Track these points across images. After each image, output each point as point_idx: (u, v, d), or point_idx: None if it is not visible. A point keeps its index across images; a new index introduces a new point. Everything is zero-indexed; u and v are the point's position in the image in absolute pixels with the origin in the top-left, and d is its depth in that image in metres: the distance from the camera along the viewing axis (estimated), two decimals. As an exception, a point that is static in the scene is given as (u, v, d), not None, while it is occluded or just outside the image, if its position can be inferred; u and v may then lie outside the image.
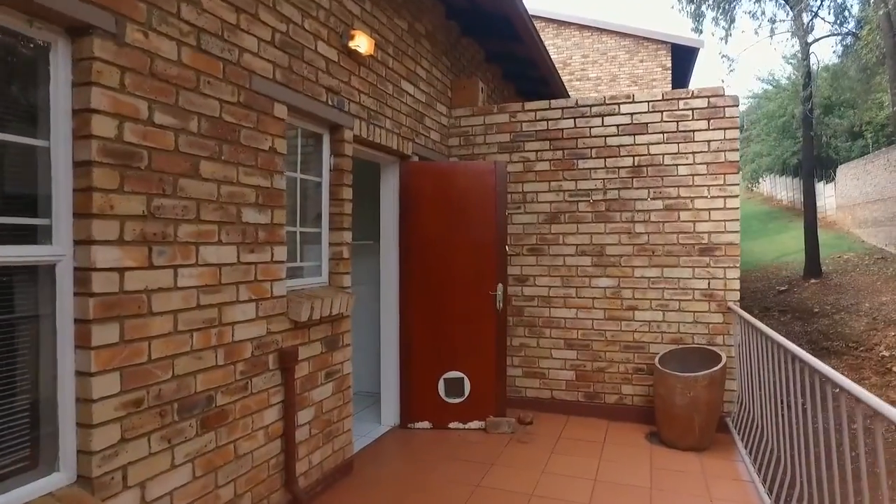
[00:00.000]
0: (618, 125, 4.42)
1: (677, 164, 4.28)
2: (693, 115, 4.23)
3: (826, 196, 19.46)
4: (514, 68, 6.39)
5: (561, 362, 4.59)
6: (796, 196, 21.93)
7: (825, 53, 45.82)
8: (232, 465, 2.45)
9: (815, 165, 15.40)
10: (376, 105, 3.70)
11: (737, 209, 4.15)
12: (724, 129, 4.16)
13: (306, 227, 3.27)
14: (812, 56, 14.27)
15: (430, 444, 3.95)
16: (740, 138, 4.13)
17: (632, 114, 4.38)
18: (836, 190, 19.09)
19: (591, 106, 4.49)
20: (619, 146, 4.41)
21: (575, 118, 4.53)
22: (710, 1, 14.97)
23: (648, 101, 4.34)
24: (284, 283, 2.80)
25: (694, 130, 4.23)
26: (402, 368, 4.26)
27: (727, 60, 18.86)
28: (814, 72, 14.49)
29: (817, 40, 14.64)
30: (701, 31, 15.65)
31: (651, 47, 12.73)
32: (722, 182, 4.17)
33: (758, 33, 32.43)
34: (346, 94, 3.34)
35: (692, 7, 15.57)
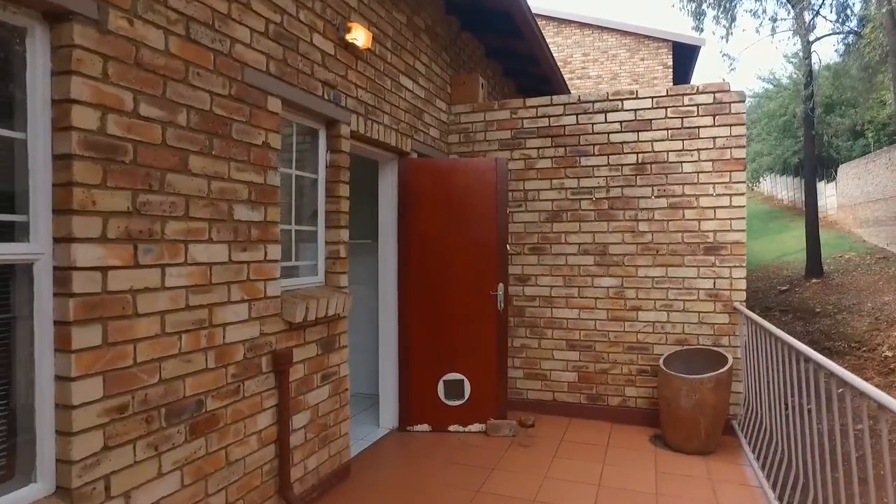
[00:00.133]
0: (621, 122, 4.32)
1: (682, 162, 4.19)
2: (698, 111, 4.14)
3: (827, 195, 19.38)
4: (515, 65, 6.30)
5: (563, 364, 4.50)
6: (797, 196, 21.86)
7: (826, 52, 45.71)
8: (223, 472, 2.36)
9: (816, 165, 15.31)
10: (374, 100, 3.61)
11: (743, 207, 4.06)
12: (729, 126, 4.07)
13: (302, 225, 3.18)
14: (813, 54, 14.18)
15: (429, 447, 3.86)
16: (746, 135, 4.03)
17: (635, 110, 4.28)
18: (837, 189, 19.02)
19: (593, 102, 4.39)
20: (622, 143, 4.32)
21: (577, 114, 4.44)
22: (711, -1, 14.89)
23: (652, 97, 4.25)
24: (279, 282, 2.71)
25: (699, 127, 4.14)
26: (400, 370, 4.17)
27: (728, 59, 18.84)
28: (815, 70, 14.41)
29: (819, 39, 14.59)
30: (702, 30, 15.59)
31: (652, 45, 12.65)
32: (728, 180, 4.08)
33: (759, 32, 32.32)
34: (342, 88, 3.25)
35: (693, 5, 15.51)
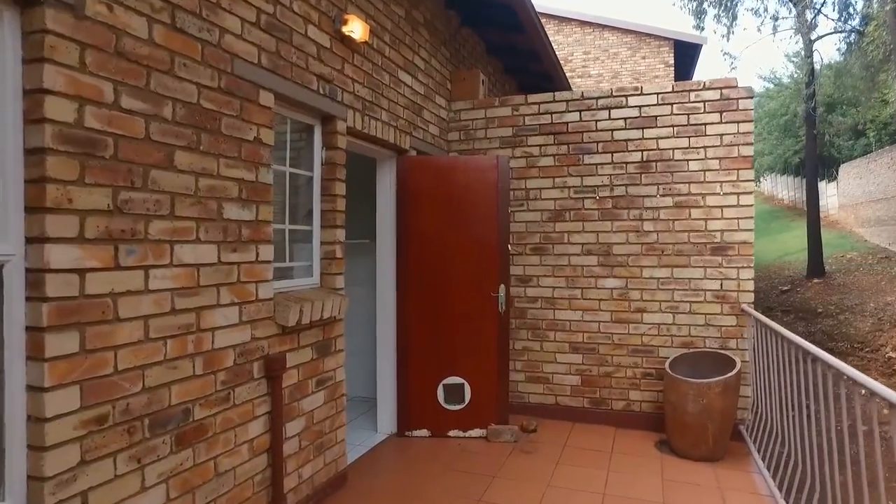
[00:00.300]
0: (625, 118, 4.21)
1: (688, 159, 4.07)
2: (704, 107, 4.02)
3: (828, 195, 19.29)
4: (516, 62, 6.18)
5: (566, 367, 4.39)
6: (798, 195, 21.77)
7: (828, 51, 45.56)
8: (212, 484, 2.24)
9: (817, 164, 15.22)
10: (371, 96, 3.50)
11: (751, 206, 3.95)
12: (737, 123, 3.95)
13: (296, 224, 3.07)
14: (815, 53, 14.08)
15: (428, 453, 3.75)
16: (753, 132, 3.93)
17: (640, 106, 4.17)
18: (838, 189, 18.93)
19: (597, 98, 4.28)
20: (626, 140, 4.21)
21: (580, 111, 4.32)
22: (712, -2, 14.78)
23: (658, 93, 4.14)
24: (271, 284, 2.59)
25: (706, 124, 4.02)
26: (399, 373, 4.06)
27: (729, 58, 18.70)
28: (817, 69, 14.30)
29: (821, 37, 14.49)
30: (703, 29, 15.48)
31: (653, 44, 12.55)
32: (735, 178, 3.97)
33: (760, 31, 32.14)
34: (338, 82, 3.14)
35: (694, 4, 15.40)
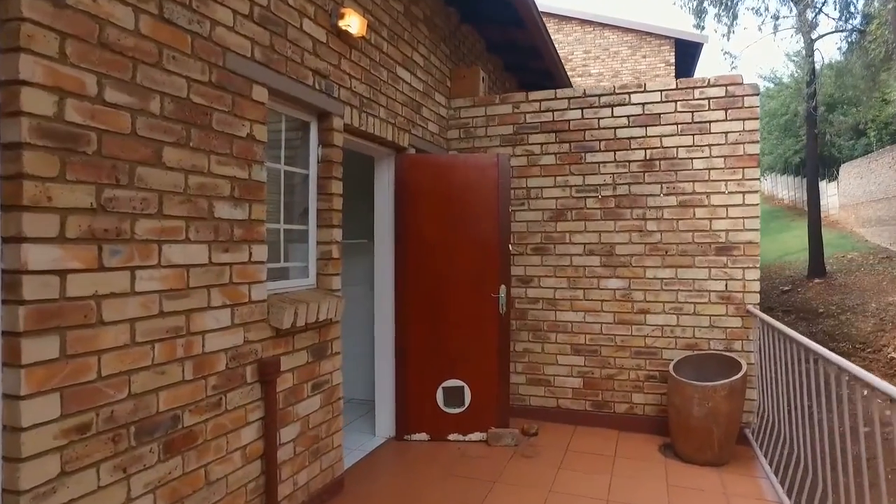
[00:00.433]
0: (628, 116, 4.13)
1: (692, 158, 3.99)
2: (709, 104, 3.94)
3: (829, 195, 19.22)
4: (516, 59, 6.10)
5: (567, 369, 4.31)
6: (798, 195, 21.70)
7: (828, 51, 45.53)
8: (202, 493, 2.16)
9: (818, 164, 15.15)
10: (369, 92, 3.42)
11: (756, 206, 3.87)
12: (742, 120, 3.88)
13: (291, 224, 2.98)
14: (816, 52, 14.01)
15: (427, 458, 3.67)
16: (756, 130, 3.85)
17: (643, 104, 4.09)
18: (838, 189, 18.86)
19: (599, 95, 4.20)
20: (629, 138, 4.13)
21: (582, 109, 4.24)
22: (713, -3, 14.70)
23: (661, 90, 4.05)
24: (265, 285, 2.51)
25: (710, 121, 3.94)
26: (397, 376, 3.98)
27: (730, 57, 18.60)
28: (818, 69, 14.23)
29: (821, 37, 14.38)
30: (703, 28, 15.39)
31: (654, 43, 12.47)
32: (740, 176, 3.89)
33: (761, 30, 32.00)
34: (335, 78, 3.05)
35: (694, 3, 15.32)
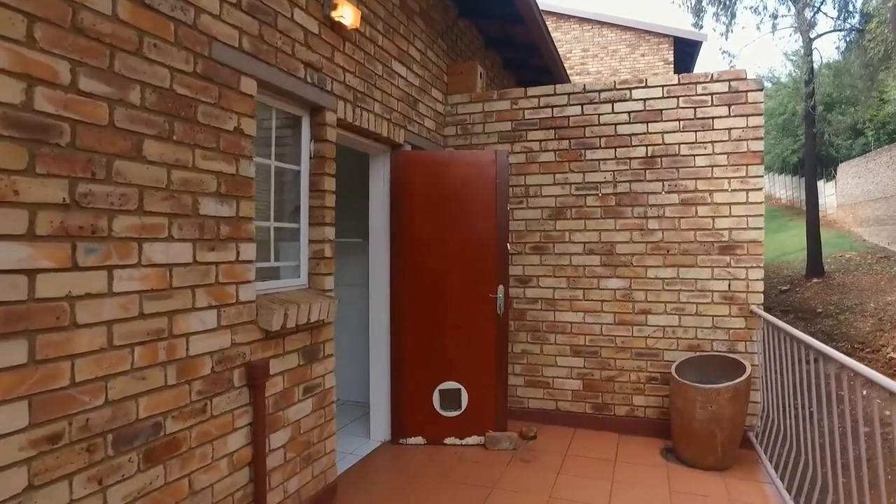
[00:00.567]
0: (629, 112, 4.04)
1: (694, 155, 3.90)
2: (712, 100, 3.86)
3: (826, 195, 19.19)
4: (515, 55, 6.01)
5: (567, 371, 4.22)
6: (795, 195, 21.68)
7: (826, 50, 45.58)
8: (186, 503, 2.06)
9: (816, 163, 15.11)
10: (364, 86, 3.31)
11: (760, 204, 3.78)
12: (746, 116, 3.79)
13: (282, 222, 2.88)
14: (814, 52, 13.97)
15: (423, 462, 3.57)
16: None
17: (645, 99, 4.00)
18: (836, 188, 18.83)
19: (599, 91, 4.11)
20: (630, 135, 4.04)
21: (582, 105, 4.15)
22: (712, -4, 14.65)
23: (663, 86, 3.96)
24: (253, 286, 2.41)
25: (713, 117, 3.86)
26: (393, 378, 3.88)
27: (728, 56, 18.60)
28: (816, 68, 14.19)
29: (820, 36, 14.35)
30: (701, 27, 15.38)
31: (653, 41, 12.38)
32: (744, 174, 3.80)
33: (759, 29, 32.04)
34: (328, 71, 2.95)
35: (693, 1, 15.27)
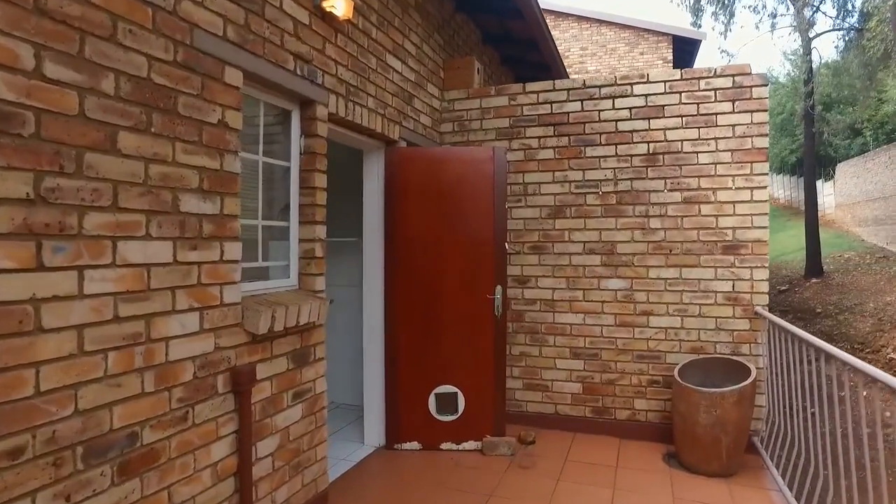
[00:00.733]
0: (630, 108, 3.93)
1: (697, 152, 3.80)
2: (716, 96, 3.75)
3: (825, 194, 19.15)
4: (513, 51, 5.90)
5: (566, 373, 4.11)
6: (794, 195, 21.64)
7: (826, 50, 45.59)
8: (166, 518, 1.95)
9: (815, 163, 15.05)
10: (357, 80, 3.20)
11: (765, 202, 3.68)
12: (751, 112, 3.69)
13: (271, 220, 2.77)
14: (813, 51, 13.91)
15: (418, 469, 3.46)
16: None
17: (646, 95, 3.90)
18: (835, 188, 18.79)
19: (600, 87, 4.00)
20: (631, 132, 3.93)
21: (582, 101, 4.04)
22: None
23: (665, 81, 3.86)
24: (239, 287, 2.29)
25: (717, 113, 3.75)
26: (387, 382, 3.76)
27: (727, 56, 18.52)
28: (815, 67, 14.13)
29: (819, 35, 14.28)
30: (700, 26, 15.33)
31: (652, 39, 12.30)
32: (748, 171, 3.70)
33: (758, 28, 32.00)
34: (319, 63, 2.84)
35: (691, 1, 15.21)
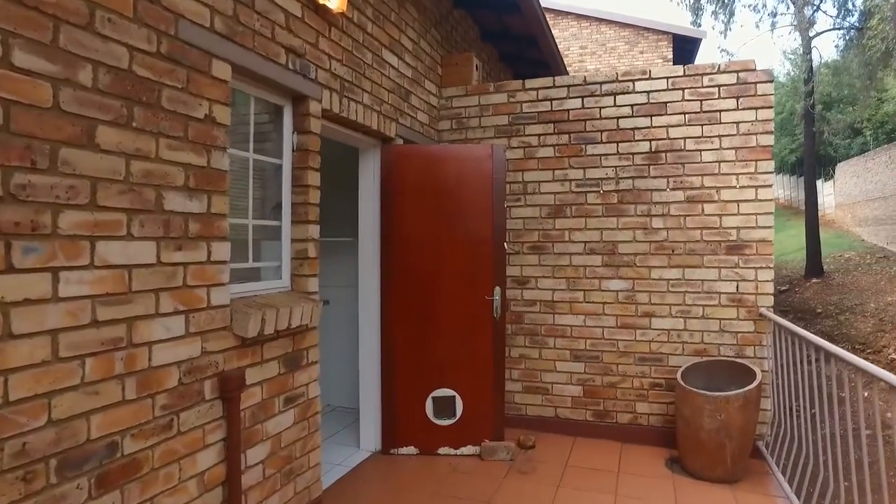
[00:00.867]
0: (632, 105, 3.85)
1: (701, 150, 3.72)
2: (719, 92, 3.67)
3: (825, 194, 19.09)
4: (512, 48, 5.82)
5: (566, 376, 4.03)
6: (794, 194, 21.58)
7: (826, 49, 45.52)
8: (148, 531, 1.86)
9: (815, 163, 14.99)
10: (351, 75, 3.11)
11: (770, 201, 3.60)
12: (755, 109, 3.61)
13: (262, 219, 2.68)
14: (814, 50, 13.85)
15: (415, 475, 3.37)
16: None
17: (648, 92, 3.81)
18: (835, 188, 18.73)
19: (601, 83, 3.92)
20: (633, 129, 3.85)
21: (583, 97, 3.96)
22: (710, -7, 14.54)
23: (668, 77, 3.78)
24: (227, 288, 2.20)
25: (721, 110, 3.67)
26: (383, 385, 3.68)
27: (727, 55, 18.46)
28: (815, 67, 14.07)
29: (819, 34, 14.22)
30: (700, 25, 15.27)
31: (651, 38, 12.23)
32: (753, 170, 3.62)
33: (758, 27, 31.99)
34: (312, 58, 2.75)
35: (691, 0, 15.14)
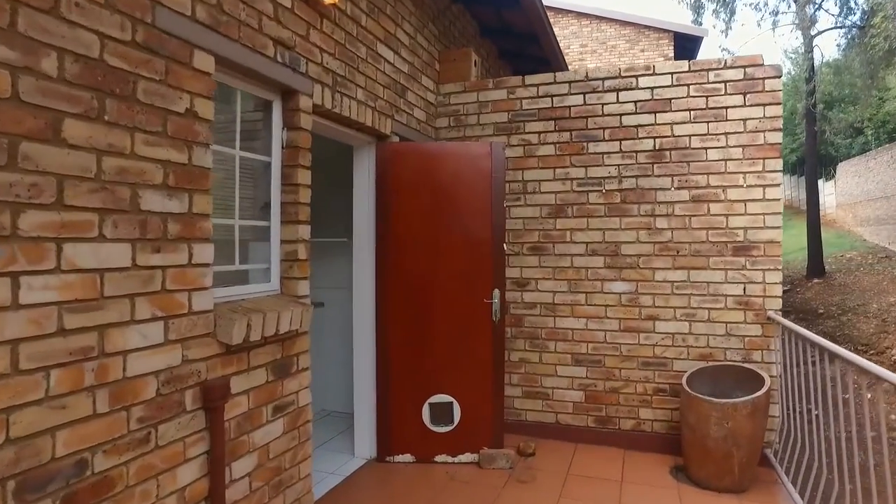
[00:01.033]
0: (635, 101, 3.73)
1: (707, 148, 3.61)
2: (726, 88, 3.56)
3: (826, 194, 18.98)
4: (511, 45, 5.70)
5: (568, 381, 3.91)
6: (794, 194, 21.46)
7: (827, 48, 45.46)
8: (123, 553, 1.74)
9: (817, 162, 14.89)
10: (345, 70, 2.99)
11: (778, 201, 3.49)
12: (763, 106, 3.50)
13: (250, 219, 2.56)
14: (815, 49, 13.75)
15: (411, 484, 3.25)
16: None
17: (652, 88, 3.70)
18: (836, 187, 18.63)
19: (603, 79, 3.80)
20: (636, 126, 3.73)
21: (585, 94, 3.84)
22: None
23: (672, 73, 3.66)
24: (210, 293, 2.08)
25: (727, 107, 3.56)
26: (379, 390, 3.56)
27: (728, 54, 18.40)
28: (816, 66, 13.98)
29: (821, 33, 14.12)
30: (701, 24, 15.19)
31: (652, 36, 12.12)
32: (760, 168, 3.51)
33: (760, 25, 31.83)
34: (302, 51, 2.63)
35: (692, -2, 15.06)
